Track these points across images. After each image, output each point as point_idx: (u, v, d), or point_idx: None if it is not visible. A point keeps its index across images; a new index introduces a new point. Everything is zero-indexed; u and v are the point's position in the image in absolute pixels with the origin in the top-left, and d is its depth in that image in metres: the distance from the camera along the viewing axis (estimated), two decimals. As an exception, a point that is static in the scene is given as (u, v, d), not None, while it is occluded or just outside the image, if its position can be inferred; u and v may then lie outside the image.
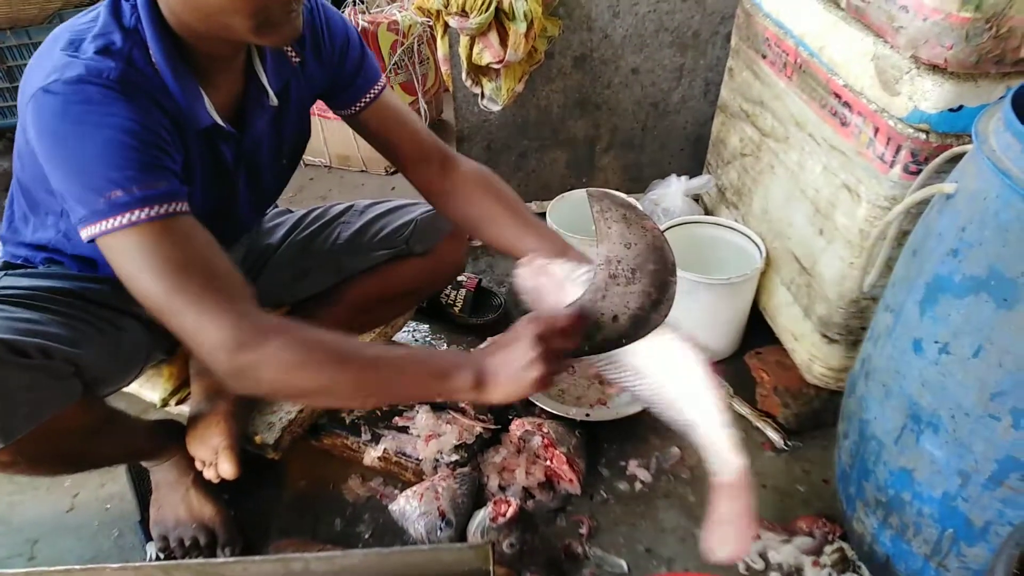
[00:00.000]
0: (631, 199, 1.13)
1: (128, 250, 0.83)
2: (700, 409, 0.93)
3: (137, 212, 0.82)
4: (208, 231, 0.89)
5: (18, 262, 1.09)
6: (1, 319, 0.92)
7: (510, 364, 0.85)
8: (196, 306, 0.82)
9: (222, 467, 1.13)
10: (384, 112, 1.16)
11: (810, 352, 1.39)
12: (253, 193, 1.15)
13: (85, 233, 0.83)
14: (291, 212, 1.44)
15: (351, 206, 1.40)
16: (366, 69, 1.15)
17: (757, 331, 1.59)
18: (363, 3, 2.32)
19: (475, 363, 0.87)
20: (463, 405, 1.34)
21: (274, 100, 1.05)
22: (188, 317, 0.82)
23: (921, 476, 0.94)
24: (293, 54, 1.07)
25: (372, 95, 1.15)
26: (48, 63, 0.85)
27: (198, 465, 1.17)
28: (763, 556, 1.19)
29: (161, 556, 1.20)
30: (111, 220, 0.82)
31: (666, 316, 0.97)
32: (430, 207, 1.36)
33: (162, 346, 1.20)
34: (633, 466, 1.36)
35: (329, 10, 1.12)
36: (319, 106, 1.19)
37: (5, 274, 1.05)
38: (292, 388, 0.88)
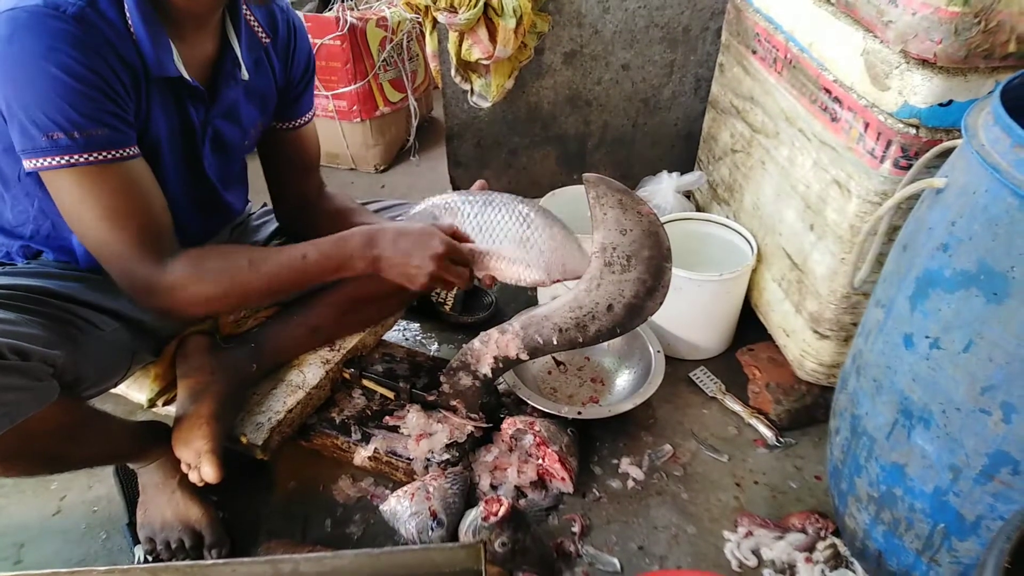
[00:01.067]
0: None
1: (66, 188, 0.90)
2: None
3: (77, 156, 0.88)
4: (155, 179, 0.97)
5: None
6: None
7: (406, 264, 1.03)
8: (123, 253, 0.94)
9: (204, 471, 1.11)
10: (306, 135, 1.29)
11: (802, 348, 1.39)
12: (220, 166, 1.16)
13: (26, 164, 0.89)
14: None
15: None
16: (310, 93, 1.26)
17: (749, 327, 1.59)
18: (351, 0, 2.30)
19: (371, 255, 1.04)
20: (454, 404, 1.33)
21: (246, 74, 1.07)
22: (114, 261, 0.95)
23: (912, 471, 0.94)
24: (263, 34, 1.10)
25: (306, 119, 1.27)
26: None
27: (183, 468, 1.15)
28: (756, 553, 1.19)
29: (149, 559, 1.18)
30: (52, 159, 0.87)
31: (661, 303, 0.97)
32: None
33: (149, 347, 1.19)
34: (625, 464, 1.35)
35: (301, 25, 1.19)
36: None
37: None
38: (207, 312, 1.12)
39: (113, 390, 1.20)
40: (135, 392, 1.28)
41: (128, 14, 0.90)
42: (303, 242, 1.06)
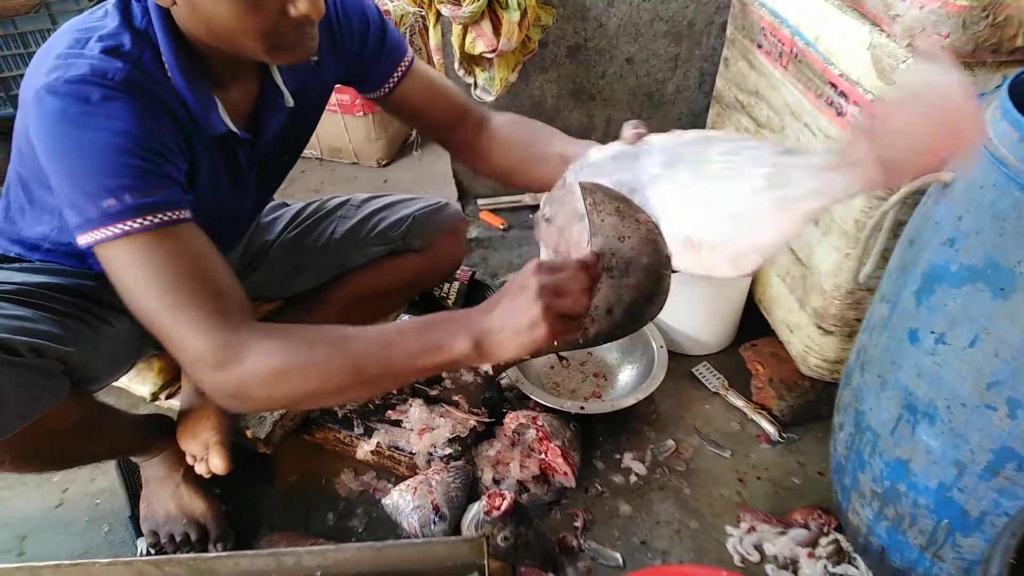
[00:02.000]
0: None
1: (121, 260, 0.81)
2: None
3: (130, 222, 0.80)
4: (207, 236, 0.87)
5: (11, 255, 1.07)
6: None
7: (512, 324, 0.78)
8: (182, 323, 0.80)
9: (213, 462, 1.11)
10: (416, 86, 1.12)
11: (805, 344, 1.39)
12: (261, 192, 1.15)
13: (82, 241, 0.82)
14: (287, 205, 1.42)
15: (347, 200, 1.39)
16: (389, 49, 1.09)
17: (752, 323, 1.59)
18: (355, -7, 2.29)
19: (473, 328, 0.80)
20: (456, 399, 1.33)
21: (290, 101, 1.02)
22: (174, 333, 0.81)
23: (917, 467, 0.94)
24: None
25: (400, 74, 1.11)
26: (51, 61, 0.82)
27: (189, 460, 1.16)
28: (758, 548, 1.19)
29: (152, 551, 1.19)
30: (104, 230, 0.80)
31: (661, 309, 0.97)
32: (428, 201, 1.36)
33: (153, 342, 1.17)
34: (628, 459, 1.35)
35: (347, 5, 1.06)
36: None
37: None
38: (283, 398, 0.86)
39: (115, 383, 1.20)
40: (138, 385, 1.28)
41: (169, 72, 0.88)
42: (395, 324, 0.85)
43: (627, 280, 0.94)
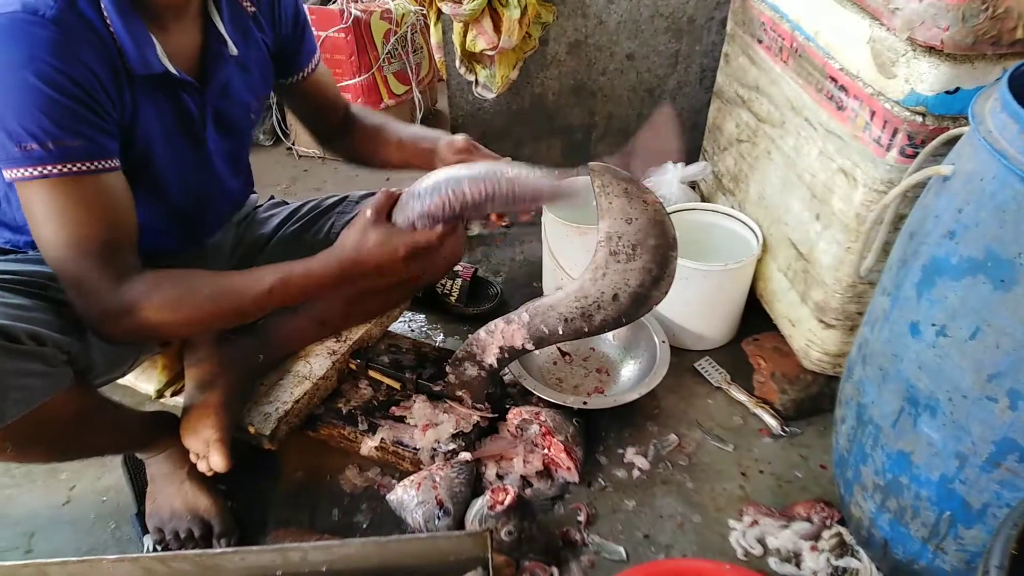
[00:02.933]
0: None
1: (35, 200, 0.88)
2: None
3: (50, 167, 0.86)
4: (129, 190, 0.95)
5: (6, 247, 1.08)
6: None
7: (379, 268, 1.02)
8: (80, 270, 0.90)
9: (212, 460, 1.12)
10: (319, 81, 1.27)
11: (807, 338, 1.39)
12: (226, 149, 1.15)
13: (5, 175, 0.88)
14: (286, 204, 1.43)
15: (346, 197, 1.39)
16: (308, 39, 1.23)
17: (754, 317, 1.59)
18: (355, -8, 2.30)
19: (347, 273, 1.02)
20: (460, 395, 1.33)
21: (233, 49, 1.06)
22: (71, 277, 0.91)
23: (919, 459, 0.94)
24: (248, 3, 1.09)
25: (313, 65, 1.25)
26: None
27: (192, 457, 1.16)
28: (761, 541, 1.19)
29: (158, 548, 1.19)
30: (24, 169, 0.86)
31: (666, 292, 0.97)
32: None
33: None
34: (631, 453, 1.36)
35: None
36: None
37: None
38: (163, 338, 1.13)
39: (121, 381, 1.21)
40: (143, 383, 1.29)
41: (106, 12, 0.88)
42: (271, 271, 1.00)
43: (633, 264, 0.95)
